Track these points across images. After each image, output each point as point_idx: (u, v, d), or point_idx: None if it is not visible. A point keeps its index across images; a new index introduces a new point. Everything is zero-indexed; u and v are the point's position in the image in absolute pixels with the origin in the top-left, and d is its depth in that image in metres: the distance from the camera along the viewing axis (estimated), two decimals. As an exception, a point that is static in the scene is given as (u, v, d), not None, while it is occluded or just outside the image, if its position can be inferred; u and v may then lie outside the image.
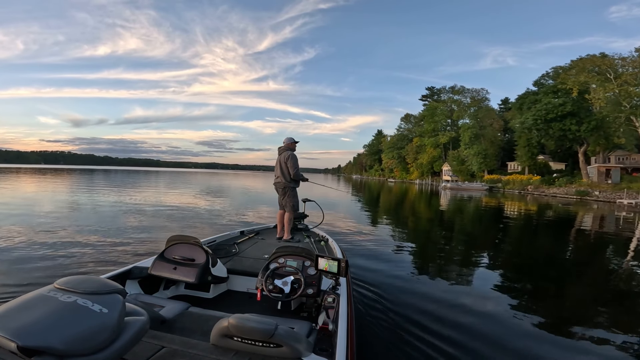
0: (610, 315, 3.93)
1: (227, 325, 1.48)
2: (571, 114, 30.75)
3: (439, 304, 3.92)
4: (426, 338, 3.02)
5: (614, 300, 4.55)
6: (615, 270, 6.13)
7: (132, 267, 2.71)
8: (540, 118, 32.05)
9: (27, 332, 0.93)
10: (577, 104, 31.02)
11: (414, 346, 2.88)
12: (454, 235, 9.74)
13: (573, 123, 30.69)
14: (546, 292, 4.73)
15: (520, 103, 37.88)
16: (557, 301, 4.40)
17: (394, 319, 3.40)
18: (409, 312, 3.59)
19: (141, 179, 38.89)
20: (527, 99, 36.11)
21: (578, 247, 8.77)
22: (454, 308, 3.81)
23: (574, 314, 4.00)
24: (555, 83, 33.02)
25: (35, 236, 6.60)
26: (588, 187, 30.34)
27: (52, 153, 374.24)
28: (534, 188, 35.42)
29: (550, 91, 33.05)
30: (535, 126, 32.93)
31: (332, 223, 9.64)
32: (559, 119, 31.26)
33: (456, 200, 23.75)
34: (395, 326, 3.25)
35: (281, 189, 4.74)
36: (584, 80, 29.37)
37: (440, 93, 68.88)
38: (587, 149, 34.14)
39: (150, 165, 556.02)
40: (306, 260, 2.53)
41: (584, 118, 30.62)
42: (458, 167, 53.99)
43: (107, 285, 1.22)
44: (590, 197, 27.99)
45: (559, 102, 30.96)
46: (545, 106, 31.70)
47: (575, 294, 4.82)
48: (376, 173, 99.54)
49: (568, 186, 32.26)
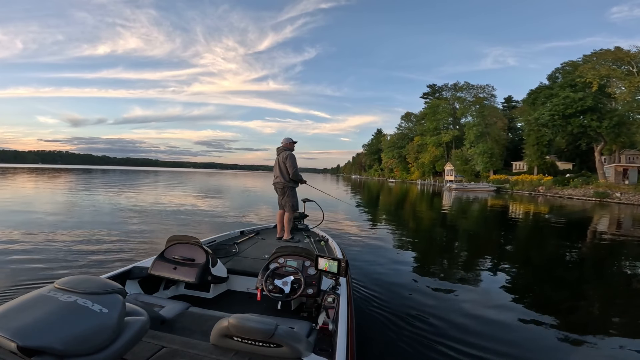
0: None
1: (227, 325, 1.48)
2: (591, 109, 28.32)
3: (441, 305, 3.90)
4: (426, 339, 3.00)
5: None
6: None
7: (132, 267, 2.70)
8: (557, 113, 29.51)
9: (27, 332, 0.94)
10: (596, 99, 28.68)
11: (414, 346, 2.88)
12: (464, 239, 9.25)
13: (594, 119, 28.29)
14: (561, 299, 4.48)
15: (533, 98, 35.31)
16: (574, 307, 4.24)
17: (394, 319, 3.38)
18: (409, 312, 3.57)
19: (140, 179, 38.22)
20: (541, 94, 33.55)
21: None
22: (455, 309, 3.76)
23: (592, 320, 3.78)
24: (573, 76, 30.53)
25: (34, 236, 6.51)
26: (607, 188, 28.00)
27: (49, 153, 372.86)
28: (546, 189, 32.99)
29: (568, 85, 30.49)
30: (552, 122, 30.40)
31: (332, 223, 9.50)
32: (578, 114, 28.89)
33: (463, 202, 21.94)
34: (395, 326, 3.23)
35: (280, 189, 4.76)
36: (606, 74, 27.04)
37: (442, 90, 67.16)
38: (605, 147, 31.90)
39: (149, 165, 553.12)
40: (306, 260, 2.53)
41: (605, 114, 28.24)
42: (462, 166, 52.16)
43: (107, 285, 1.21)
44: (611, 199, 25.70)
45: (578, 97, 28.44)
46: (563, 100, 29.15)
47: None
48: (375, 173, 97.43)
49: (585, 187, 29.78)
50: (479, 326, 3.32)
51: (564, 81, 31.66)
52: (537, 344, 3.05)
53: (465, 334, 3.13)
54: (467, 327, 3.29)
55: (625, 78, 26.51)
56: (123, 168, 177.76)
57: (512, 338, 3.13)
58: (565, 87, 30.55)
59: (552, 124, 30.75)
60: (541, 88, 34.96)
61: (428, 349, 2.85)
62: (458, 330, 3.21)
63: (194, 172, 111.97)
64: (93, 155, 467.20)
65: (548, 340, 3.13)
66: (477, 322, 3.40)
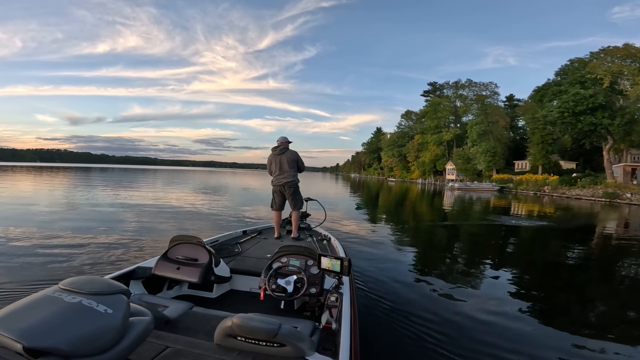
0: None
1: (230, 325, 1.49)
2: (602, 106, 27.27)
3: (444, 304, 3.89)
4: (429, 338, 2.99)
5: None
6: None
7: (136, 268, 2.68)
8: (567, 110, 28.44)
9: (32, 333, 0.94)
10: (607, 96, 27.64)
11: (417, 345, 2.87)
12: (468, 240, 9.13)
13: (605, 116, 27.23)
14: (568, 302, 4.33)
15: (540, 95, 34.12)
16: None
17: (397, 318, 3.36)
18: (412, 311, 3.56)
19: (139, 178, 37.92)
20: (548, 91, 32.41)
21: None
22: (459, 309, 3.71)
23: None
24: (583, 72, 29.43)
25: (36, 236, 6.51)
26: (616, 188, 26.97)
27: (48, 151, 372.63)
28: (552, 189, 31.97)
29: (577, 81, 29.41)
30: (561, 119, 29.32)
31: (334, 223, 9.48)
32: (589, 111, 27.78)
33: (467, 202, 21.20)
34: (398, 325, 3.22)
35: (289, 188, 4.64)
36: (617, 70, 25.99)
37: (444, 88, 66.23)
38: (613, 146, 30.89)
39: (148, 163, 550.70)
40: (309, 260, 2.52)
41: (617, 111, 27.20)
42: (463, 165, 51.28)
43: (112, 285, 1.21)
44: (621, 199, 24.70)
45: (589, 93, 27.34)
46: (573, 97, 28.04)
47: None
48: (375, 172, 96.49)
49: (593, 187, 28.74)
50: (482, 327, 3.31)
51: (573, 77, 30.59)
52: (542, 347, 2.99)
53: (468, 334, 3.13)
54: (470, 327, 3.28)
55: (638, 74, 25.43)
56: (122, 166, 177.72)
57: (515, 340, 3.10)
58: (574, 84, 29.51)
59: (561, 121, 29.71)
60: (549, 85, 33.80)
61: (431, 348, 2.83)
62: (461, 330, 3.21)
63: (193, 171, 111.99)
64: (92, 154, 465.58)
65: (552, 344, 3.08)
66: (480, 323, 3.39)
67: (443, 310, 3.67)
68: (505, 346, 2.96)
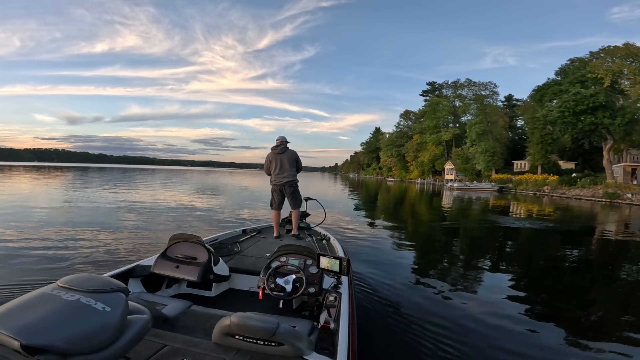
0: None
1: (229, 323, 1.49)
2: (603, 106, 27.11)
3: (443, 304, 3.90)
4: (428, 337, 2.98)
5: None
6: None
7: (135, 266, 2.69)
8: (568, 110, 28.24)
9: (30, 331, 0.95)
10: (608, 96, 27.49)
11: (415, 345, 2.87)
12: (467, 240, 9.05)
13: (606, 116, 27.06)
14: (569, 304, 4.27)
15: (540, 94, 33.99)
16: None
17: (396, 318, 3.37)
18: (411, 311, 3.56)
19: (137, 177, 38.00)
20: (549, 90, 32.26)
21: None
22: (457, 309, 3.74)
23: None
24: (583, 72, 29.29)
25: (36, 235, 6.48)
26: (617, 188, 26.81)
27: (45, 151, 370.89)
28: (552, 189, 31.79)
29: (578, 81, 29.29)
30: (561, 119, 29.12)
31: (333, 222, 9.50)
32: (589, 111, 27.60)
33: (467, 202, 21.08)
34: (397, 325, 3.22)
35: (289, 187, 4.68)
36: (618, 70, 25.84)
37: (443, 88, 66.09)
38: (613, 145, 30.74)
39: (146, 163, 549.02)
40: (308, 259, 2.52)
41: (617, 111, 27.05)
42: (462, 165, 51.32)
43: (110, 283, 1.21)
44: (621, 200, 24.53)
45: (589, 93, 27.19)
46: (574, 96, 27.86)
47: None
48: (374, 172, 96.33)
49: (593, 187, 28.57)
50: (480, 327, 3.30)
51: (573, 77, 30.46)
52: (542, 348, 2.97)
53: (467, 334, 3.13)
54: (469, 327, 3.28)
55: (639, 73, 25.28)
56: (120, 166, 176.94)
57: (514, 340, 3.08)
58: (575, 83, 29.37)
59: (561, 121, 29.55)
60: (549, 84, 33.68)
61: (430, 347, 2.83)
62: (460, 330, 3.19)
63: (192, 171, 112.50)
64: (89, 154, 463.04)
65: (552, 344, 3.05)
66: (479, 323, 3.37)
67: (442, 310, 3.67)
68: (505, 346, 2.95)
